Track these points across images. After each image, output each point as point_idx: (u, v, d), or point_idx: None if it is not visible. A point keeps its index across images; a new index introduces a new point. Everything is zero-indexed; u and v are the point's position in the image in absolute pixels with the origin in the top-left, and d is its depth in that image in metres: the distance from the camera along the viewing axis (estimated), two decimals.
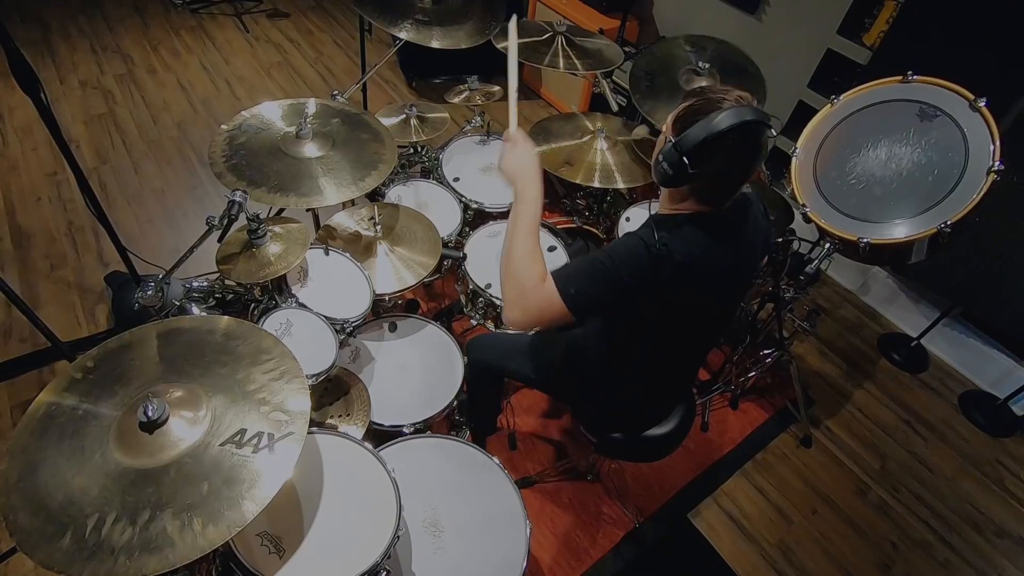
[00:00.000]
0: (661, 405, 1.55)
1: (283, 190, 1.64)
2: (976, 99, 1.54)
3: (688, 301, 1.23)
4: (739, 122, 1.05)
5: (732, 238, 1.23)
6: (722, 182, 1.15)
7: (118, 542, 0.93)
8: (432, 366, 1.81)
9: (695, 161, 1.09)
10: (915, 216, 1.59)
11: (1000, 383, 2.54)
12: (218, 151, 1.68)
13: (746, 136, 1.08)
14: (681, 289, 1.18)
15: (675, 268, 1.14)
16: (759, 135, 1.09)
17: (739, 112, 1.06)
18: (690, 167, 1.10)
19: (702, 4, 3.09)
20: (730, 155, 1.09)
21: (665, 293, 1.17)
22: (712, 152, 1.08)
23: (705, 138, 1.07)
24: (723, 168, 1.12)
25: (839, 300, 2.90)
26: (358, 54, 3.65)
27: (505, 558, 1.33)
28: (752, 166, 1.14)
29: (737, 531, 2.02)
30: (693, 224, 1.18)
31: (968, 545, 2.08)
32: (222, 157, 1.67)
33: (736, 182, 1.16)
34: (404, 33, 2.12)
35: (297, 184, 1.66)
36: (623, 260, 1.15)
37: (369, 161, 1.78)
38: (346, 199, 1.71)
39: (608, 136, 2.31)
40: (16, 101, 3.13)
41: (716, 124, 1.06)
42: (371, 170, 1.76)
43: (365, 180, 1.72)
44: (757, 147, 1.10)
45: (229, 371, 1.16)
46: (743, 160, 1.12)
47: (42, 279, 2.42)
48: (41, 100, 1.60)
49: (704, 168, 1.10)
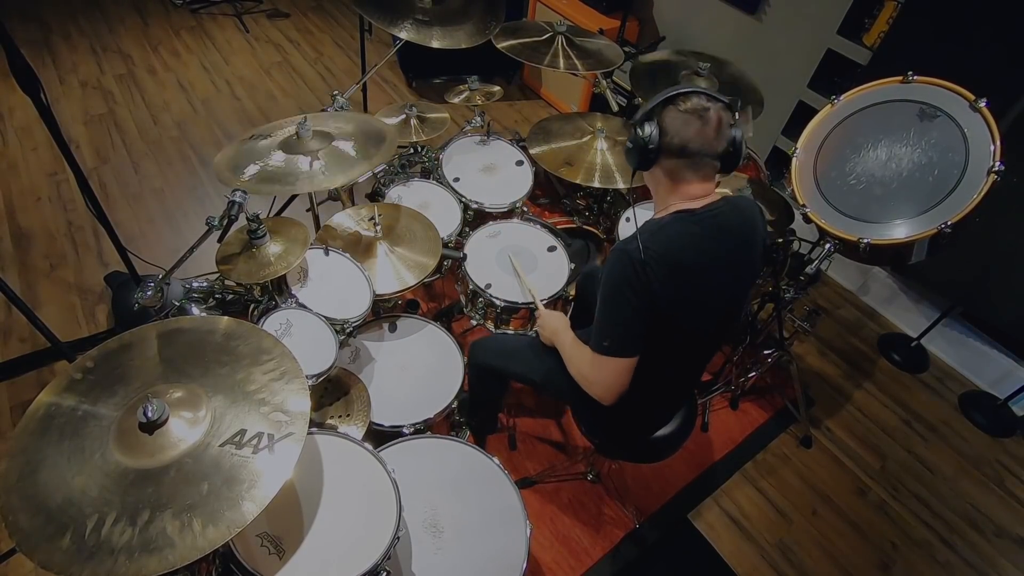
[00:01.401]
0: (663, 410, 1.56)
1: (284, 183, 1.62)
2: (976, 99, 1.54)
3: (684, 299, 1.24)
4: (675, 92, 1.20)
5: (723, 234, 1.25)
6: (688, 155, 1.21)
7: (118, 542, 0.93)
8: (432, 366, 1.80)
9: (648, 133, 1.20)
10: (915, 216, 1.59)
11: (1000, 383, 2.54)
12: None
13: (688, 104, 1.19)
14: (673, 287, 1.20)
15: (662, 268, 1.18)
16: (703, 105, 1.19)
17: (676, 87, 1.22)
18: (644, 137, 1.21)
19: (702, 4, 3.08)
20: (679, 122, 1.19)
21: (660, 294, 1.19)
22: (662, 122, 1.20)
23: (651, 108, 1.22)
24: (680, 139, 1.20)
25: (839, 300, 2.90)
26: (358, 54, 3.65)
27: (505, 558, 1.33)
28: (708, 135, 1.19)
29: (737, 531, 2.02)
30: (678, 223, 1.23)
31: (968, 545, 2.08)
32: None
33: (702, 155, 1.21)
34: (404, 33, 2.12)
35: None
36: (619, 284, 1.22)
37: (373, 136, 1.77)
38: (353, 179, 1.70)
39: (608, 136, 2.31)
40: (16, 101, 3.14)
41: (655, 97, 1.23)
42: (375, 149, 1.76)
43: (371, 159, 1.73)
44: (703, 114, 1.18)
45: (229, 371, 1.16)
46: (693, 127, 1.18)
47: (42, 279, 2.42)
48: (41, 100, 1.60)
49: (663, 142, 1.21)
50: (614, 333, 1.25)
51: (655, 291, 1.18)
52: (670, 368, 1.40)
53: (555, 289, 1.91)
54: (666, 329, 1.25)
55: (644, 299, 1.19)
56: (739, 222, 1.28)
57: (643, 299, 1.19)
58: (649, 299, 1.19)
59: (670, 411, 1.57)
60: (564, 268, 2.01)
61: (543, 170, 2.27)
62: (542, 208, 2.74)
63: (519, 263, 1.96)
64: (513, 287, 1.92)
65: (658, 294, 1.19)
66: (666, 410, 1.56)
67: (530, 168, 2.34)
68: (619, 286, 1.21)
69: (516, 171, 2.35)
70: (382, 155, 1.75)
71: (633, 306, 1.21)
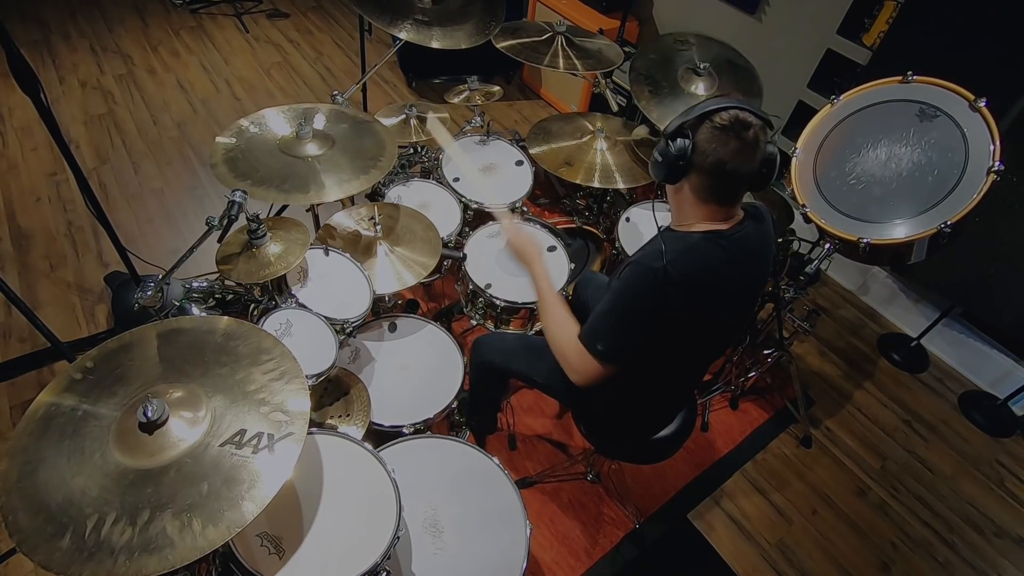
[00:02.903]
0: (664, 411, 1.56)
1: (281, 188, 1.64)
2: (976, 99, 1.54)
3: (697, 319, 1.23)
4: (715, 107, 1.11)
5: (747, 256, 1.23)
6: (720, 175, 1.13)
7: (118, 543, 0.93)
8: (432, 366, 1.80)
9: (681, 147, 1.12)
10: (915, 216, 1.59)
11: (1000, 383, 2.54)
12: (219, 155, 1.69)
13: (726, 120, 1.09)
14: (689, 306, 1.19)
15: (683, 290, 1.15)
16: (743, 122, 1.09)
17: (716, 100, 1.11)
18: (675, 153, 1.13)
19: (702, 4, 3.08)
20: (715, 141, 1.10)
21: (673, 311, 1.18)
22: (695, 136, 1.11)
23: (683, 122, 1.13)
24: (715, 159, 1.11)
25: (839, 300, 2.90)
26: (358, 54, 3.65)
27: (505, 558, 1.33)
28: (745, 155, 1.11)
29: (737, 531, 2.02)
30: (706, 243, 1.17)
31: (968, 545, 2.08)
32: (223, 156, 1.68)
33: (735, 177, 1.13)
34: (404, 33, 2.12)
35: (295, 182, 1.67)
36: (634, 299, 1.19)
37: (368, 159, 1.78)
38: (346, 195, 1.71)
39: (608, 136, 2.31)
40: (16, 101, 3.13)
41: (692, 109, 1.14)
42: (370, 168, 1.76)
43: (366, 175, 1.72)
44: (741, 133, 1.09)
45: (229, 371, 1.16)
46: (730, 147, 1.10)
47: (42, 279, 2.42)
48: (41, 100, 1.60)
49: (695, 159, 1.12)
50: (612, 342, 1.23)
51: (668, 308, 1.17)
52: (672, 372, 1.40)
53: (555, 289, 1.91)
54: (671, 338, 1.25)
55: (654, 317, 1.19)
56: (760, 241, 1.26)
57: (652, 317, 1.19)
58: (659, 316, 1.19)
59: (670, 412, 1.57)
60: (564, 268, 2.01)
61: (543, 170, 2.27)
62: (542, 208, 2.74)
63: (439, 128, 1.82)
64: (514, 287, 1.92)
65: (671, 311, 1.18)
66: (666, 411, 1.56)
67: (530, 168, 2.34)
68: (634, 302, 1.19)
69: (516, 171, 2.35)
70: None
71: (640, 323, 1.20)
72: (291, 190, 1.65)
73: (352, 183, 1.70)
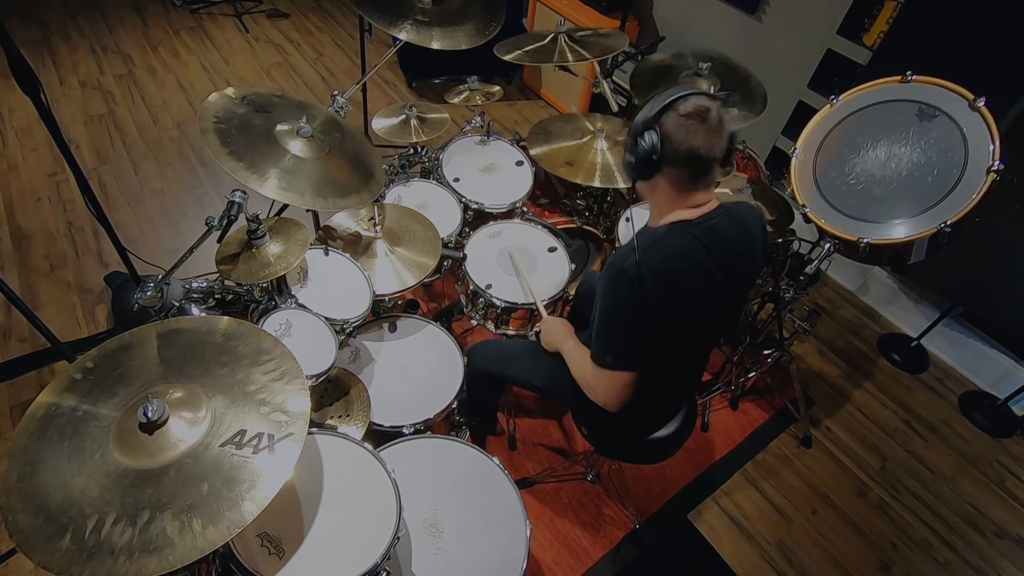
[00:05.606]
0: (663, 412, 1.56)
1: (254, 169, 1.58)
2: (975, 99, 1.54)
3: (679, 309, 1.23)
4: (672, 98, 1.14)
5: (719, 243, 1.23)
6: (695, 162, 1.16)
7: (118, 543, 0.93)
8: (432, 366, 1.80)
9: (651, 143, 1.14)
10: (915, 216, 1.59)
11: (1000, 383, 2.54)
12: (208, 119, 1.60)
13: (690, 108, 1.12)
14: (669, 299, 1.20)
15: (658, 283, 1.17)
16: (703, 107, 1.13)
17: (669, 92, 1.15)
18: (648, 149, 1.15)
19: (702, 4, 3.08)
20: (685, 129, 1.13)
21: (657, 308, 1.19)
22: (663, 129, 1.14)
23: (647, 118, 1.15)
24: (687, 147, 1.14)
25: (839, 300, 2.90)
26: (358, 54, 3.65)
27: (505, 558, 1.33)
28: (714, 137, 1.14)
29: (737, 531, 2.02)
30: (674, 233, 1.21)
31: (968, 545, 2.08)
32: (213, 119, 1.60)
33: (709, 160, 1.16)
34: (404, 34, 2.12)
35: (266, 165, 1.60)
36: (618, 304, 1.21)
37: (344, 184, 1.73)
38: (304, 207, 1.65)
39: (608, 136, 2.30)
40: (16, 101, 3.13)
41: (651, 105, 1.16)
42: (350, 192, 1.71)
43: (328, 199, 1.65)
44: (706, 116, 1.12)
45: (229, 372, 1.16)
46: (700, 133, 1.13)
47: (42, 279, 2.42)
48: (41, 100, 1.60)
49: (667, 151, 1.14)
50: (616, 350, 1.26)
51: (652, 307, 1.18)
52: (670, 372, 1.41)
53: (556, 290, 1.91)
54: (665, 338, 1.25)
55: (642, 316, 1.20)
56: (737, 229, 1.27)
57: (641, 316, 1.20)
58: (647, 315, 1.20)
59: (670, 413, 1.57)
60: (565, 268, 2.01)
61: (543, 170, 2.27)
62: (542, 208, 2.74)
63: (522, 262, 1.96)
64: (514, 287, 1.92)
65: (655, 309, 1.19)
66: (666, 412, 1.56)
67: (530, 168, 2.34)
68: (618, 306, 1.21)
69: (516, 171, 2.35)
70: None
71: (632, 324, 1.21)
72: (258, 175, 1.56)
73: (309, 199, 1.62)
